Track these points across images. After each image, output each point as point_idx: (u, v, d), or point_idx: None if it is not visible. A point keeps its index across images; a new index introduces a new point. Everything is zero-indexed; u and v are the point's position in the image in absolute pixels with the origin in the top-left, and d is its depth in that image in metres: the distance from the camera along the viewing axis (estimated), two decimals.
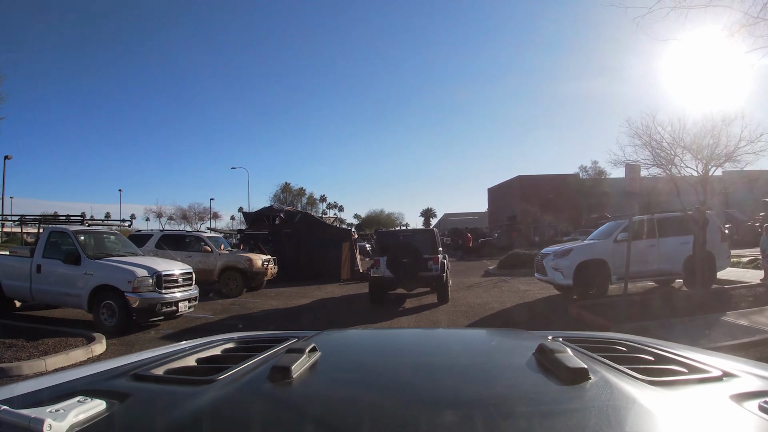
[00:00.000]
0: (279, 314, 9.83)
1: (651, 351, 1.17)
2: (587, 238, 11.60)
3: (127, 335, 7.36)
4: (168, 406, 0.79)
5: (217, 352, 1.23)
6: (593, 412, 0.74)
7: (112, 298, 7.58)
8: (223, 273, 12.20)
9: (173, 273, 8.05)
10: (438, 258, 9.76)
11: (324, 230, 16.94)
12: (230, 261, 12.30)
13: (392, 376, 1.00)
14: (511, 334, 1.66)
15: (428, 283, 9.92)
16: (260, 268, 12.39)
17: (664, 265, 9.97)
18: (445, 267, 9.89)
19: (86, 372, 1.04)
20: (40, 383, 0.95)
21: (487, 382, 0.96)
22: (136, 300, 7.45)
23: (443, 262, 9.91)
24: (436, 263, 9.67)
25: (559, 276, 9.82)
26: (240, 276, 12.13)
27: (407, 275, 9.52)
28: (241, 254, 12.67)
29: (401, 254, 9.59)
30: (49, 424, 0.66)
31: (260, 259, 12.58)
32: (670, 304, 7.90)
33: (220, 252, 12.53)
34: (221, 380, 0.90)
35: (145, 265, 7.83)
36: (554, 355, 0.94)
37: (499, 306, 9.55)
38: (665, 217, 10.41)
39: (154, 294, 7.60)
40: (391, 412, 0.78)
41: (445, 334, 1.97)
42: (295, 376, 0.89)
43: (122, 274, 7.61)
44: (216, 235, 15.03)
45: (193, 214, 66.33)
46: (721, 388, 0.88)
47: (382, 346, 1.42)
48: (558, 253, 10.11)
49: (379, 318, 8.94)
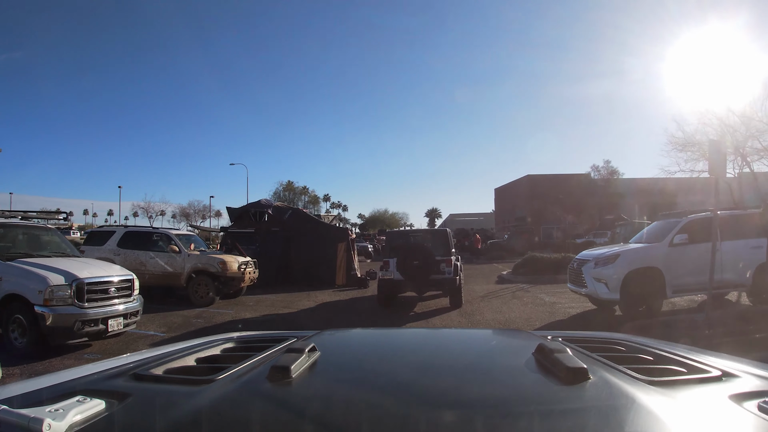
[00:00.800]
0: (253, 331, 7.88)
1: (650, 351, 1.18)
2: (631, 241, 9.60)
3: (40, 360, 5.68)
4: (167, 406, 0.78)
5: (217, 351, 1.23)
6: (593, 412, 0.75)
7: (22, 311, 5.82)
8: (192, 277, 10.28)
9: (102, 280, 6.22)
10: (451, 260, 9.18)
11: (317, 229, 14.94)
12: (200, 263, 10.35)
13: (392, 376, 0.99)
14: (510, 334, 1.78)
15: (441, 286, 9.30)
16: (236, 272, 10.44)
17: (729, 274, 7.88)
18: (458, 270, 9.34)
19: (85, 372, 1.03)
20: (40, 383, 0.95)
21: (487, 382, 0.95)
22: (49, 316, 5.57)
23: (456, 264, 9.36)
24: (449, 266, 9.11)
25: (602, 288, 7.82)
26: (211, 281, 10.20)
27: (419, 278, 8.98)
28: (215, 255, 10.70)
29: (412, 256, 9.05)
30: (49, 423, 0.66)
31: (236, 261, 10.63)
32: (760, 325, 5.97)
33: (190, 252, 10.61)
34: (221, 380, 0.90)
35: (63, 269, 5.93)
36: (554, 355, 0.94)
37: (526, 325, 7.64)
38: (730, 215, 8.37)
39: (72, 308, 5.77)
40: (390, 412, 0.78)
41: (445, 334, 1.93)
42: (295, 375, 0.89)
43: (33, 282, 5.77)
44: (187, 233, 12.93)
45: (193, 212, 64.01)
46: (721, 388, 0.88)
47: (381, 346, 1.41)
48: (601, 260, 8.09)
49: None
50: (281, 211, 15.31)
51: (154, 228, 12.47)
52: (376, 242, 41.53)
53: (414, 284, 9.21)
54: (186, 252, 10.56)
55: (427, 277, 8.99)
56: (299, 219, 15.24)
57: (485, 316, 8.60)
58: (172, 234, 10.98)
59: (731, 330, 5.77)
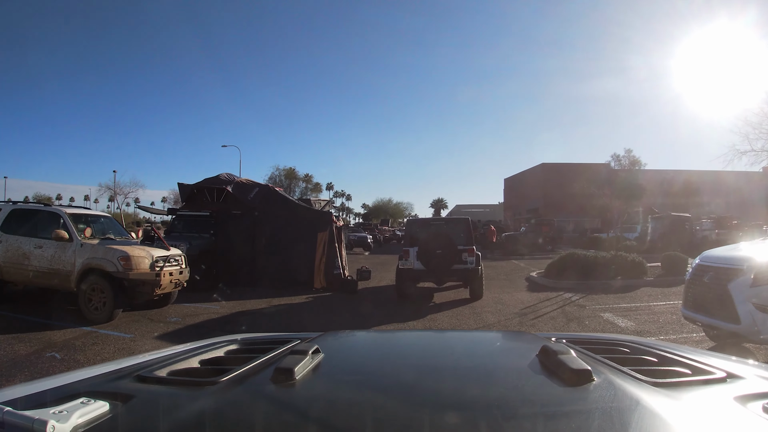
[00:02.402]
0: None
1: (654, 352, 1.17)
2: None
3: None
4: (171, 408, 0.78)
5: (220, 353, 1.23)
6: (597, 414, 0.74)
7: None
8: (83, 278, 6.80)
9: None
10: (473, 250, 9.07)
11: (293, 214, 11.19)
12: (93, 259, 6.91)
13: (395, 378, 0.99)
14: (514, 336, 1.71)
15: (462, 276, 9.09)
16: (145, 272, 6.96)
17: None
18: (479, 260, 9.16)
19: (89, 373, 1.03)
20: (43, 385, 0.94)
21: (490, 384, 0.95)
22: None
23: (478, 254, 9.22)
24: (471, 255, 8.97)
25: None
26: (109, 286, 6.74)
27: (441, 267, 8.81)
28: (116, 247, 7.04)
29: (434, 245, 8.86)
30: (53, 425, 0.66)
31: (148, 256, 7.08)
32: None
33: (84, 241, 7.12)
34: (224, 382, 0.89)
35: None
36: (557, 356, 0.94)
37: None
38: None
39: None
40: (394, 414, 0.78)
41: (449, 336, 1.89)
42: (299, 377, 0.88)
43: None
44: (99, 214, 8.82)
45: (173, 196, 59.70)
46: (725, 389, 0.88)
47: (385, 348, 1.40)
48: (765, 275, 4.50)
49: None
50: (245, 189, 11.46)
51: (45, 205, 8.97)
52: (377, 233, 37.66)
53: (435, 274, 9.01)
54: (79, 240, 7.08)
55: (450, 266, 8.77)
56: (269, 199, 11.33)
57: None
58: (64, 213, 7.42)
59: None
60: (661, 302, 8.28)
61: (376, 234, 35.08)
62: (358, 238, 27.04)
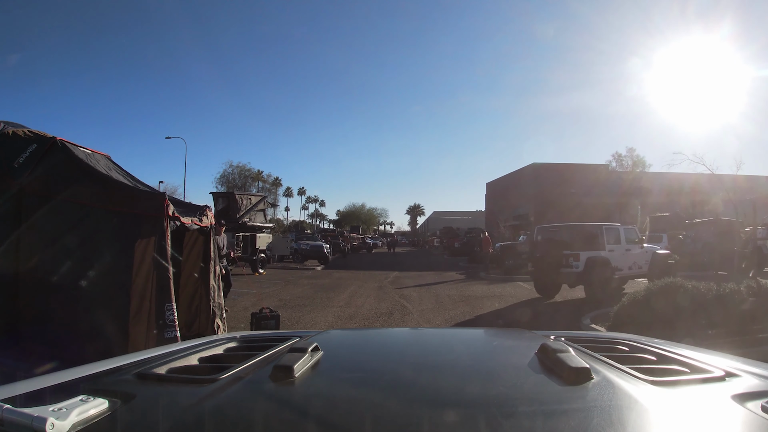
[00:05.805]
0: None
1: (653, 351, 1.17)
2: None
3: None
4: (170, 405, 0.79)
5: (220, 351, 1.22)
6: (596, 412, 0.73)
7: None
8: None
9: None
10: None
11: (92, 191, 4.53)
12: None
13: (394, 376, 0.99)
14: (513, 334, 1.66)
15: None
16: None
17: None
18: None
19: (89, 371, 1.02)
20: (43, 382, 0.94)
21: (489, 382, 0.94)
22: None
23: None
24: None
25: None
26: None
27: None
28: None
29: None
30: (52, 422, 0.65)
31: None
32: None
33: None
34: (223, 379, 0.89)
35: None
36: (557, 354, 0.94)
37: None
38: None
39: None
40: (393, 411, 0.77)
41: (448, 334, 1.92)
42: (298, 375, 0.88)
43: None
44: None
45: None
46: (724, 388, 0.88)
47: (384, 346, 1.41)
48: None
49: None
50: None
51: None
52: (343, 240, 31.16)
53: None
54: None
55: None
56: (56, 166, 5.41)
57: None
58: None
59: None
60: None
61: (341, 242, 29.06)
62: (311, 247, 21.05)
